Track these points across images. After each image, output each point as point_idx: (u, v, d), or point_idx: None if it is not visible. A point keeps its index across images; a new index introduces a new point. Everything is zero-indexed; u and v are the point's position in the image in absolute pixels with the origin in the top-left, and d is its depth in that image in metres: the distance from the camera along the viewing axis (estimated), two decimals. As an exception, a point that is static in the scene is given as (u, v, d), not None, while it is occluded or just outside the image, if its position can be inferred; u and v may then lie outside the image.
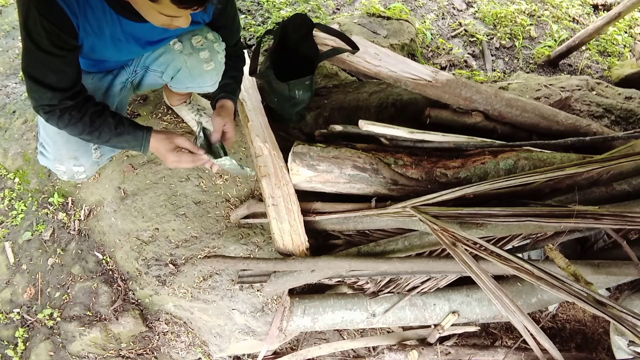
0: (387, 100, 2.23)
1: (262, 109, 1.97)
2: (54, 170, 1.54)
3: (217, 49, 1.47)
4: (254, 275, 1.77)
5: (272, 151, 1.81)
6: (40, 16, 1.06)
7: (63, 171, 1.52)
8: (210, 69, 1.49)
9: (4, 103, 2.22)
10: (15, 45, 2.46)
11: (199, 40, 1.44)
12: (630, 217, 1.46)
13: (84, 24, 1.15)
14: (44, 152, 1.50)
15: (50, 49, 1.11)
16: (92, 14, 1.15)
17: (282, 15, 2.78)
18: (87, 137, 1.32)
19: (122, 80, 1.50)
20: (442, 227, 1.54)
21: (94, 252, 1.89)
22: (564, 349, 1.92)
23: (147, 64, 1.52)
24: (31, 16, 1.07)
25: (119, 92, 1.50)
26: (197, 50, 1.45)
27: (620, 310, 1.25)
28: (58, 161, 1.48)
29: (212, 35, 1.46)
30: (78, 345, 1.76)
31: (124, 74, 1.50)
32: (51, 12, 1.07)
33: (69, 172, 1.52)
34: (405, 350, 1.81)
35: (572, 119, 2.08)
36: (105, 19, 1.19)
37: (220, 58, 1.49)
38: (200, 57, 1.46)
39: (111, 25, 1.21)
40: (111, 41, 1.26)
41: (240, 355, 1.89)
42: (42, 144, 1.49)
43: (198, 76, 1.51)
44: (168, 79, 1.55)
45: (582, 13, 3.50)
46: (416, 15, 3.18)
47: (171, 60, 1.48)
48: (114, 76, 1.47)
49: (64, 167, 1.50)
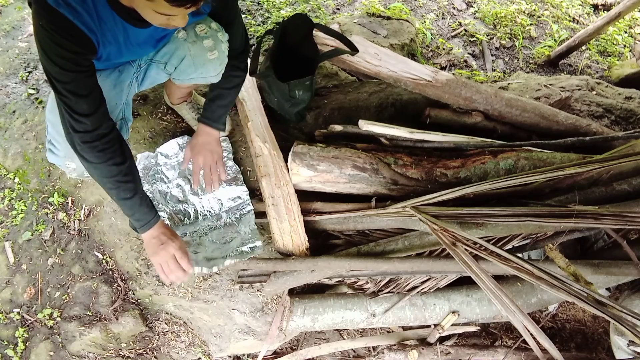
0: (387, 100, 2.23)
1: (262, 109, 1.97)
2: (63, 167, 1.54)
3: (220, 38, 1.47)
4: (254, 275, 1.77)
5: (272, 151, 1.81)
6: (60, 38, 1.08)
7: (73, 168, 1.52)
8: (214, 57, 1.49)
9: (4, 103, 2.22)
10: (15, 45, 2.46)
11: (203, 28, 1.45)
12: (630, 217, 1.47)
13: (102, 38, 1.18)
14: (53, 150, 1.50)
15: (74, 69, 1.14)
16: (106, 26, 1.17)
17: (282, 15, 2.78)
18: (109, 185, 1.34)
19: (128, 75, 1.50)
20: (442, 227, 1.54)
21: (94, 252, 1.89)
22: (564, 349, 1.92)
23: (151, 56, 1.52)
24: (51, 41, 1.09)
25: (126, 88, 1.51)
26: (201, 38, 1.45)
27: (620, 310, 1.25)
28: (69, 158, 1.48)
29: (215, 25, 1.46)
30: (78, 345, 1.77)
31: (130, 69, 1.50)
32: (71, 34, 1.09)
33: (78, 170, 1.52)
34: (405, 350, 1.81)
35: (572, 119, 2.08)
36: (117, 28, 1.21)
37: (224, 48, 1.50)
38: (204, 45, 1.46)
39: (123, 32, 1.23)
40: (125, 47, 1.28)
41: (240, 355, 1.89)
42: (52, 141, 1.49)
43: (201, 65, 1.50)
44: (172, 69, 1.55)
45: (582, 13, 3.50)
46: (416, 15, 3.18)
47: (175, 49, 1.48)
48: (120, 72, 1.48)
49: (74, 164, 1.50)
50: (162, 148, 1.86)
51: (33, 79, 2.31)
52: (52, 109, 1.39)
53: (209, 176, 1.75)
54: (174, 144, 1.89)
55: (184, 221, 1.81)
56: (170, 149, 1.88)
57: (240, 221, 1.81)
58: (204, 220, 1.81)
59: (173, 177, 1.84)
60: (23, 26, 2.56)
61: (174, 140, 1.89)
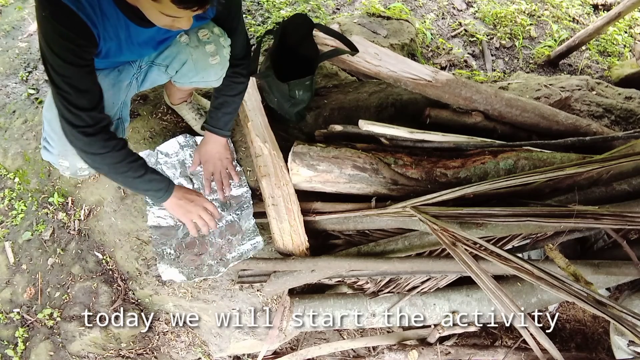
0: (387, 100, 2.23)
1: (262, 109, 1.97)
2: (57, 165, 1.54)
3: (222, 44, 1.47)
4: (254, 275, 1.77)
5: (272, 151, 1.81)
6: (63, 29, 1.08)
7: (66, 167, 1.52)
8: (216, 62, 1.49)
9: (4, 103, 2.22)
10: (15, 45, 2.46)
11: (205, 33, 1.45)
12: (630, 217, 1.47)
13: (104, 32, 1.18)
14: (47, 147, 1.50)
15: (76, 62, 1.14)
16: (108, 22, 1.17)
17: (282, 15, 2.78)
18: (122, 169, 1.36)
19: (128, 76, 1.50)
20: (442, 227, 1.54)
21: (94, 252, 1.89)
22: (564, 349, 1.92)
23: (152, 58, 1.52)
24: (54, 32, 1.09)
25: (125, 88, 1.50)
26: (204, 43, 1.46)
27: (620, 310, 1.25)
28: (62, 156, 1.48)
29: (218, 30, 1.46)
30: (78, 345, 1.77)
31: (130, 69, 1.50)
32: (74, 25, 1.09)
33: (72, 168, 1.52)
34: (405, 350, 1.81)
35: (572, 119, 2.08)
36: (119, 25, 1.21)
37: (226, 53, 1.50)
38: (206, 50, 1.46)
39: (125, 30, 1.23)
40: (126, 45, 1.28)
41: (240, 355, 1.89)
42: (47, 138, 1.49)
43: (203, 70, 1.51)
44: (173, 72, 1.55)
45: (582, 13, 3.50)
46: (416, 15, 3.18)
47: (177, 52, 1.49)
48: (120, 72, 1.47)
49: (68, 162, 1.50)
50: (162, 147, 1.86)
51: (33, 79, 2.31)
52: (50, 106, 1.39)
53: (220, 183, 1.78)
54: (174, 143, 1.89)
55: (184, 221, 1.81)
56: (171, 147, 1.88)
57: (240, 217, 1.81)
58: None
59: (174, 176, 1.84)
60: (23, 26, 2.56)
61: (174, 139, 1.89)
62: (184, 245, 1.75)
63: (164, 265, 1.69)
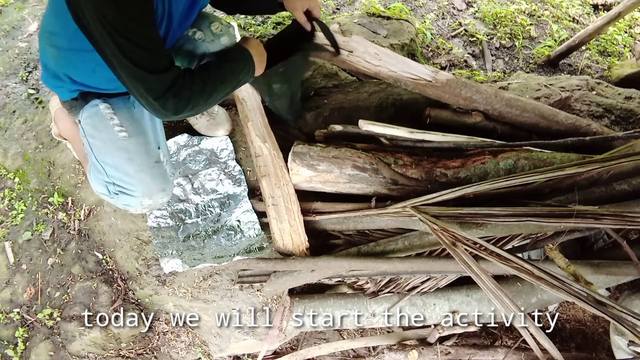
0: (387, 100, 2.23)
1: (262, 109, 1.97)
2: (137, 206, 1.47)
3: (233, 33, 1.50)
4: (254, 275, 1.77)
5: (272, 151, 1.81)
6: None
7: (149, 204, 1.47)
8: None
9: (4, 103, 2.22)
10: (15, 45, 2.46)
11: (217, 27, 1.47)
12: (630, 217, 1.46)
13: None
14: (127, 192, 1.44)
15: (149, 21, 1.08)
16: None
17: (282, 15, 2.78)
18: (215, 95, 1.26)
19: None
20: (442, 227, 1.54)
21: (94, 252, 1.89)
22: (564, 349, 1.92)
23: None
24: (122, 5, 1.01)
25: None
26: (218, 36, 1.48)
27: (620, 310, 1.25)
28: (147, 196, 1.44)
29: (225, 21, 1.49)
30: (78, 345, 1.77)
31: None
32: None
33: (153, 205, 1.48)
34: (405, 350, 1.81)
35: (572, 119, 2.08)
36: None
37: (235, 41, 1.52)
38: (221, 43, 1.48)
39: None
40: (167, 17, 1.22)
41: (240, 355, 1.89)
42: (118, 184, 1.44)
43: None
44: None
45: (582, 13, 3.50)
46: (416, 15, 3.18)
47: (193, 49, 1.50)
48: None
49: (152, 200, 1.46)
50: None
51: (33, 79, 2.31)
52: (106, 152, 1.37)
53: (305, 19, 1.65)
54: (173, 143, 1.89)
55: (185, 220, 1.81)
56: (171, 147, 1.88)
57: (245, 224, 1.82)
58: (204, 221, 1.81)
59: (174, 176, 1.84)
60: (23, 26, 2.56)
61: (173, 139, 1.89)
62: (185, 247, 1.76)
63: (165, 259, 1.73)
